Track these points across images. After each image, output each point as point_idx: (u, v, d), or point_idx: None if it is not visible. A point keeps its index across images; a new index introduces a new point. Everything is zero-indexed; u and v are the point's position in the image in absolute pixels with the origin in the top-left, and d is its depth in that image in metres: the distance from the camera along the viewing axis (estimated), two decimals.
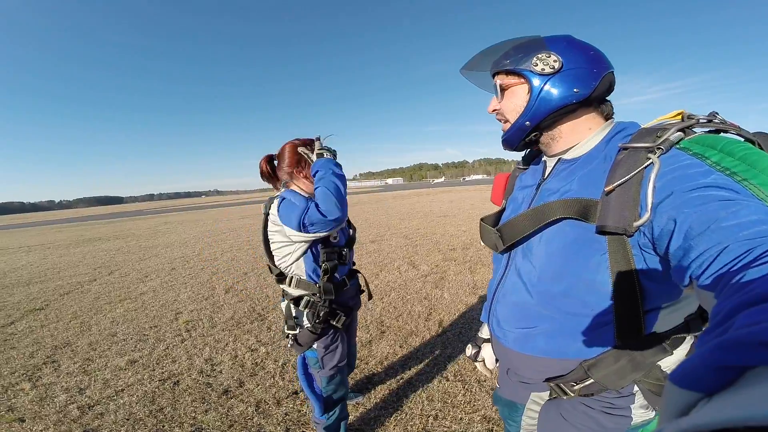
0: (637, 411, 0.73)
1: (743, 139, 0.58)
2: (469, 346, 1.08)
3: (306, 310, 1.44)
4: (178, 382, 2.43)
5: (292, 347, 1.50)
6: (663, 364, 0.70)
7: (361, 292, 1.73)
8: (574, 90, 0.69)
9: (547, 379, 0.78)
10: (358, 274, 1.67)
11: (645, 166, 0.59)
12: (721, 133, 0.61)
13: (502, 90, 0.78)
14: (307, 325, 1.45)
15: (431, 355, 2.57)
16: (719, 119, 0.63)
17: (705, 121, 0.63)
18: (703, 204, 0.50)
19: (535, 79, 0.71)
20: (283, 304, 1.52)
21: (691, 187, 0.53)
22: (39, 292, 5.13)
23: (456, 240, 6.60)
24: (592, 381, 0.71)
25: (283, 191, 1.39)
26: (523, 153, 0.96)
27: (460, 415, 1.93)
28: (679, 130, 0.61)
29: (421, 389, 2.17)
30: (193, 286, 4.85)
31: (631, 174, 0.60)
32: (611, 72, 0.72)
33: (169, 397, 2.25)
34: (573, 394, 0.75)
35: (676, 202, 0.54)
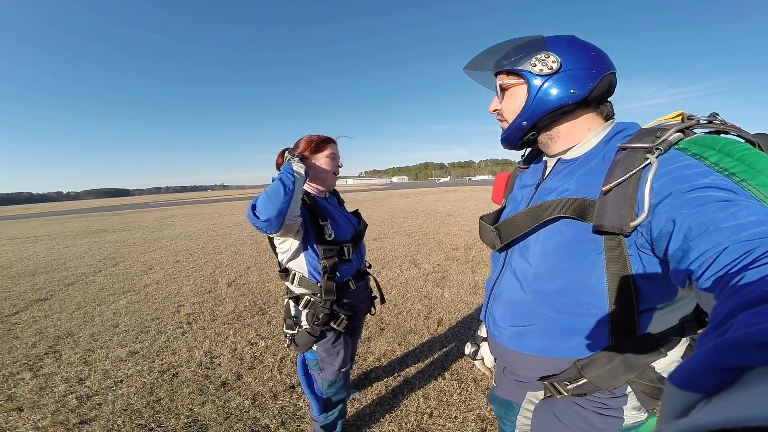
0: (629, 412, 0.73)
1: (743, 141, 0.57)
2: (468, 344, 1.09)
3: (305, 310, 1.40)
4: (177, 374, 2.45)
5: (289, 347, 1.47)
6: (657, 366, 0.70)
7: (374, 298, 1.66)
8: (571, 91, 0.69)
9: (541, 378, 0.78)
10: (369, 277, 1.60)
11: (643, 166, 0.59)
12: (720, 134, 0.60)
13: (503, 90, 0.79)
14: (306, 326, 1.41)
15: (429, 354, 2.57)
16: (719, 120, 0.63)
17: (705, 122, 0.63)
18: (702, 205, 0.50)
19: (533, 80, 0.71)
20: (285, 301, 1.49)
21: (690, 187, 0.53)
22: (44, 282, 5.19)
23: (459, 239, 6.59)
24: (585, 381, 0.71)
25: None
26: (524, 152, 0.96)
27: (455, 414, 1.93)
28: (678, 131, 0.61)
29: (417, 387, 2.18)
30: (196, 279, 4.88)
31: (629, 174, 0.60)
32: (612, 73, 0.71)
33: (168, 388, 2.27)
34: (567, 394, 0.74)
35: (674, 203, 0.53)
